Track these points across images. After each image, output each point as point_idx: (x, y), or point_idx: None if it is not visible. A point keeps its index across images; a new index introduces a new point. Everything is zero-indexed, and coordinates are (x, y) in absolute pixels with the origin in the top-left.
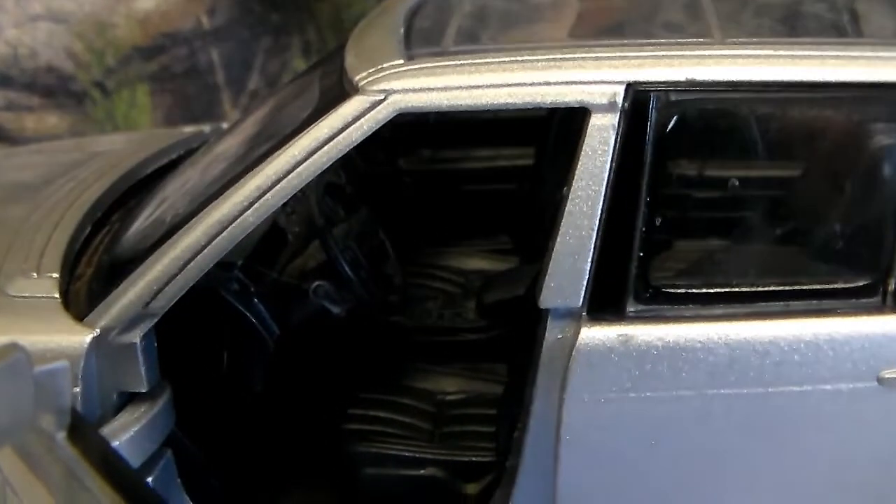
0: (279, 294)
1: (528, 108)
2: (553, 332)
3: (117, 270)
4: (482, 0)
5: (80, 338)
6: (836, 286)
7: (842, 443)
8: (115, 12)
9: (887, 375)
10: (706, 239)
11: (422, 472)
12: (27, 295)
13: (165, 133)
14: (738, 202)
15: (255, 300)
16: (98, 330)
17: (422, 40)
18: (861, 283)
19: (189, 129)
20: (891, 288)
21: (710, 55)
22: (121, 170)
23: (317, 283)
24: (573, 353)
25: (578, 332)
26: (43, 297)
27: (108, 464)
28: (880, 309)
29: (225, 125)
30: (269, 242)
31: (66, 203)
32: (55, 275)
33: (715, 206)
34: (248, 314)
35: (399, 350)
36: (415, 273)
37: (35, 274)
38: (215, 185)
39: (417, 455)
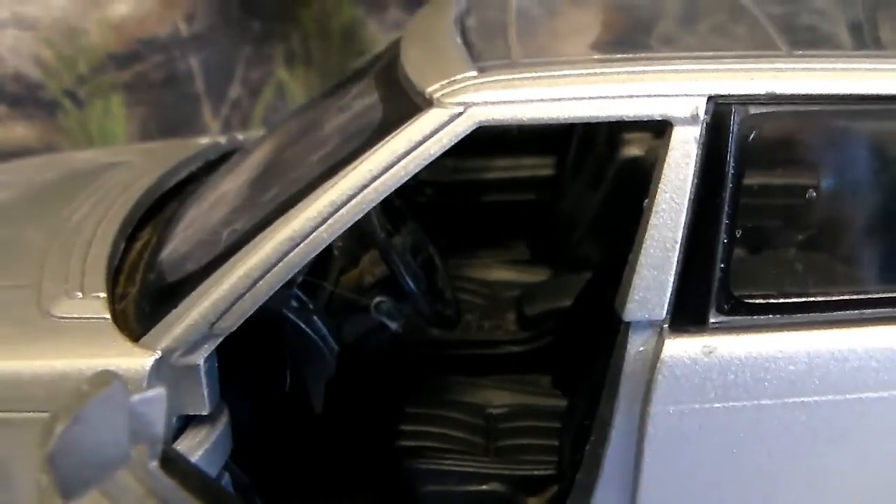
0: (336, 310)
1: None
2: (635, 345)
3: (170, 289)
4: (526, 9)
5: (142, 360)
6: None
7: None
8: (87, 18)
9: None
10: (785, 250)
11: (483, 487)
12: (75, 316)
13: (179, 145)
14: (816, 213)
15: (315, 317)
16: (160, 352)
17: (485, 52)
18: None
19: (204, 141)
20: None
21: (787, 68)
22: (144, 184)
23: (378, 299)
24: (658, 366)
25: (662, 345)
26: (93, 318)
27: (209, 491)
28: None
29: (240, 137)
30: (316, 257)
31: (95, 219)
32: (102, 294)
33: (793, 217)
34: (309, 332)
35: (444, 364)
36: (452, 286)
37: (80, 294)
38: (277, 199)
39: (478, 470)
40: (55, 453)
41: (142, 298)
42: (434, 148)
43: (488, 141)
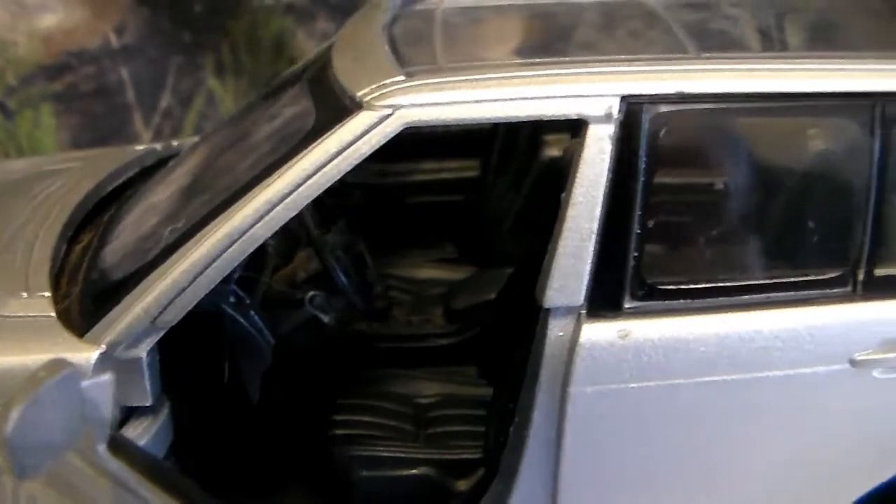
0: (271, 304)
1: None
2: (555, 330)
3: (113, 286)
4: (452, 17)
5: (87, 354)
6: (811, 278)
7: (819, 421)
8: (15, 30)
9: (859, 358)
10: (695, 239)
11: (414, 471)
12: (22, 314)
13: (117, 152)
14: (723, 205)
15: (252, 311)
16: (104, 346)
17: (413, 57)
18: (834, 275)
19: (141, 148)
20: (860, 278)
21: (695, 69)
22: (83, 189)
23: (312, 293)
24: (576, 349)
25: (580, 329)
26: (39, 315)
27: (155, 470)
28: (851, 297)
29: (175, 143)
30: (251, 254)
31: (37, 223)
32: (47, 294)
33: (702, 209)
34: (247, 325)
35: (375, 357)
36: (381, 282)
37: (25, 294)
38: (216, 199)
39: (409, 455)
40: (11, 435)
41: (85, 296)
42: (364, 148)
43: (415, 144)
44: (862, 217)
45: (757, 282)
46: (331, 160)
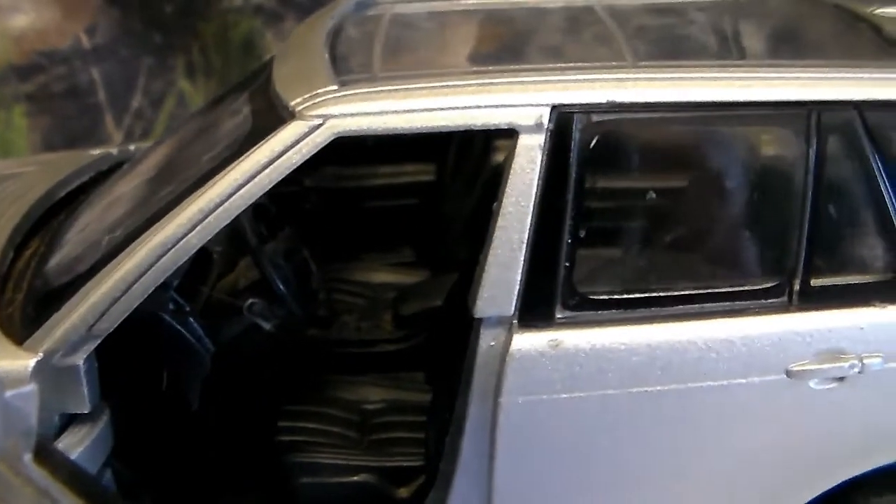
0: (212, 312)
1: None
2: (486, 340)
3: (54, 294)
4: (396, 26)
5: (25, 362)
6: (747, 288)
7: (755, 432)
8: None
9: (795, 368)
10: (628, 249)
11: (355, 478)
12: None
13: (72, 156)
14: (656, 215)
15: (191, 319)
16: (41, 353)
17: (349, 66)
18: (769, 285)
19: (96, 152)
20: (796, 288)
21: (626, 78)
22: (35, 195)
23: (251, 300)
24: (507, 359)
25: (511, 339)
26: None
27: (80, 481)
28: (787, 308)
29: (132, 147)
30: (195, 262)
31: None
32: None
33: (636, 218)
34: (185, 333)
35: (321, 363)
36: (325, 288)
37: None
38: (153, 207)
39: (350, 463)
40: None
41: (27, 304)
42: (295, 158)
43: (374, 148)
44: (798, 227)
45: (691, 292)
46: (262, 170)
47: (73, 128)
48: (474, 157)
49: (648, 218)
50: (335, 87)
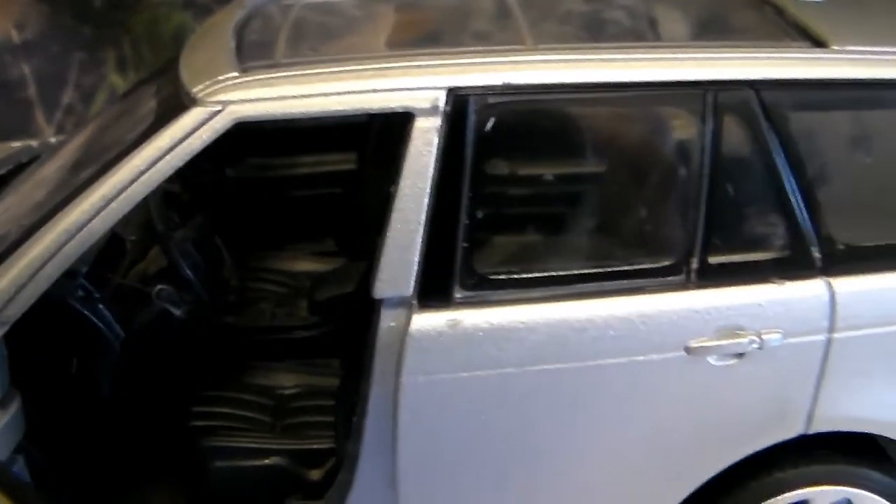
0: (122, 299)
1: (356, 114)
2: (386, 321)
3: None
4: (306, 14)
5: None
6: (645, 267)
7: (656, 409)
8: None
9: (693, 345)
10: (525, 229)
11: (266, 461)
12: None
13: None
14: (554, 195)
15: (100, 306)
16: None
17: (253, 53)
18: (667, 264)
19: (17, 145)
20: (693, 267)
21: (523, 60)
22: None
23: (159, 286)
24: (406, 339)
25: (410, 319)
26: None
27: None
28: (685, 285)
29: (53, 140)
30: (108, 250)
31: None
32: None
33: (532, 199)
34: (94, 319)
35: (236, 349)
36: (246, 277)
37: None
38: (58, 195)
39: (262, 446)
40: None
41: None
42: (196, 143)
43: (296, 139)
44: (695, 205)
45: (589, 271)
46: (163, 156)
47: (3, 123)
48: (392, 145)
49: (546, 198)
50: (236, 74)
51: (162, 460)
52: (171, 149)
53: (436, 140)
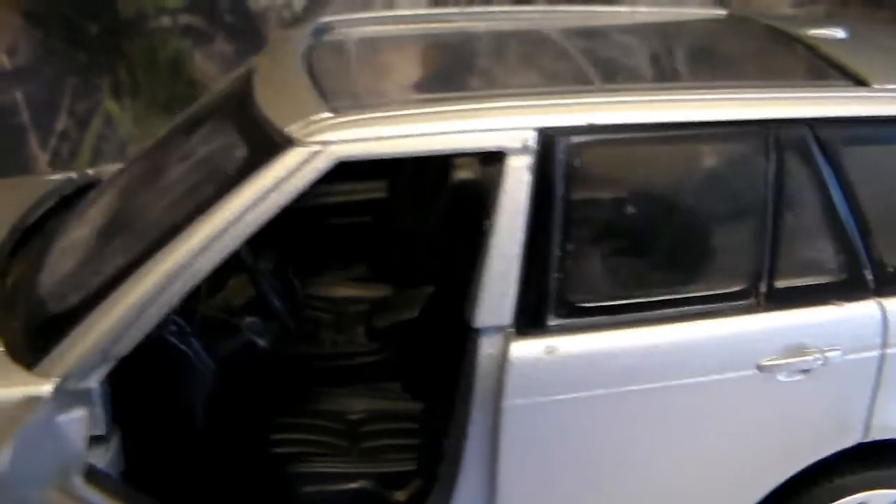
0: (208, 331)
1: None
2: (485, 348)
3: (57, 320)
4: (365, 48)
5: (41, 387)
6: (719, 292)
7: (732, 423)
8: None
9: (765, 363)
10: (611, 259)
11: (354, 485)
12: None
13: (32, 181)
14: (636, 227)
15: (192, 339)
16: (58, 378)
17: (335, 92)
18: (738, 289)
19: (56, 177)
20: (762, 291)
21: (603, 102)
22: (5, 220)
23: (250, 318)
24: (506, 366)
25: (509, 347)
26: None
27: (132, 499)
28: (755, 308)
29: (90, 172)
30: None
31: None
32: None
33: (616, 231)
34: (189, 353)
35: (303, 376)
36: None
37: None
38: (154, 231)
39: (346, 470)
40: (3, 472)
41: (28, 330)
42: (300, 183)
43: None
44: (762, 235)
45: (670, 297)
46: (268, 195)
47: None
48: (429, 173)
49: (629, 230)
50: (329, 115)
51: (251, 488)
52: (275, 187)
53: (527, 177)
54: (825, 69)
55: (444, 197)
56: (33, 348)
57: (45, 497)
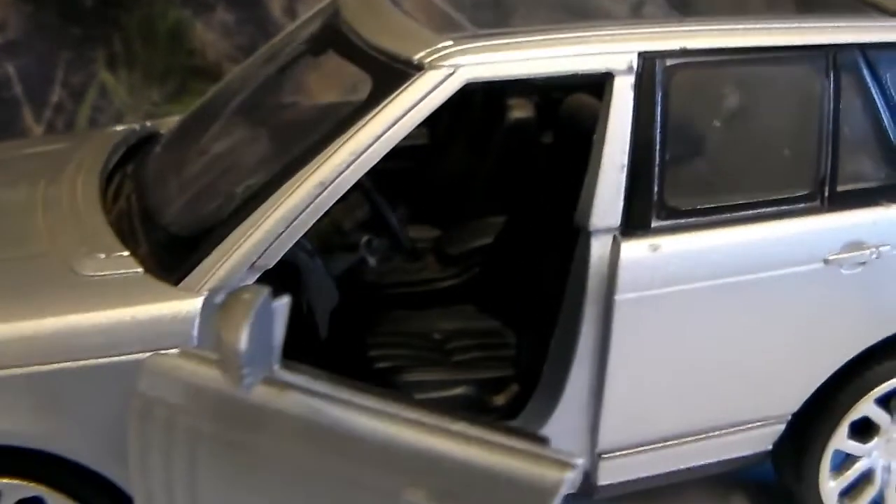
0: (325, 249)
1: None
2: (597, 249)
3: (193, 239)
4: None
5: (192, 300)
6: (791, 195)
7: (806, 309)
8: None
9: (830, 258)
10: (703, 168)
11: (458, 391)
12: (109, 273)
13: (101, 133)
14: (724, 139)
15: (315, 256)
16: (207, 292)
17: (440, 25)
18: (806, 192)
19: (120, 128)
20: (826, 194)
21: (693, 30)
22: (96, 161)
23: (367, 237)
24: (619, 263)
25: (619, 246)
26: (127, 272)
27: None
28: (820, 210)
29: (147, 124)
30: None
31: (66, 194)
32: (125, 253)
33: (708, 143)
34: (316, 268)
35: (383, 301)
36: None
37: (102, 255)
38: (291, 153)
39: (450, 378)
40: (244, 350)
41: (162, 252)
42: (433, 103)
43: None
44: (825, 145)
45: (752, 200)
46: (406, 114)
47: None
48: (476, 118)
49: (716, 142)
50: (450, 42)
51: None
52: (412, 108)
53: (631, 94)
54: (862, 6)
55: (497, 136)
56: (171, 267)
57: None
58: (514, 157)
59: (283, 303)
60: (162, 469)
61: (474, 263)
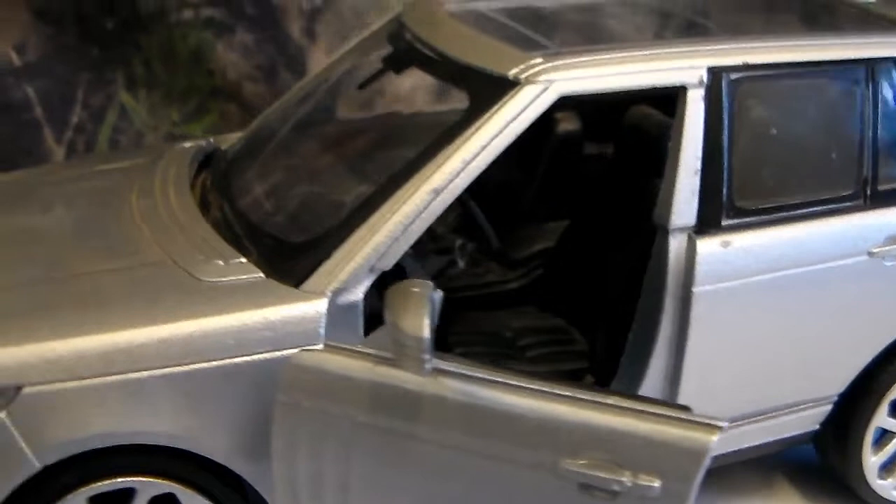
0: (419, 251)
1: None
2: (675, 246)
3: (309, 245)
4: (512, 15)
5: (317, 302)
6: (837, 194)
7: (854, 298)
8: None
9: (874, 250)
10: (764, 170)
11: None
12: (231, 279)
13: (174, 147)
14: (781, 145)
15: (416, 258)
16: (330, 293)
17: (524, 45)
18: (851, 192)
19: (188, 145)
20: (868, 193)
21: (752, 47)
22: (181, 174)
23: (461, 241)
24: (696, 258)
25: (695, 243)
26: (249, 277)
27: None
28: (863, 207)
29: (211, 140)
30: None
31: (162, 206)
32: (242, 259)
33: (768, 149)
34: (420, 271)
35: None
36: None
37: (221, 262)
38: (402, 160)
39: (529, 371)
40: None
41: (274, 257)
42: (530, 115)
43: None
44: (867, 147)
45: (804, 200)
46: (506, 126)
47: (11, 144)
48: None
49: (775, 148)
50: (540, 59)
51: None
52: (513, 119)
53: (702, 106)
54: (883, 23)
55: (547, 148)
56: (289, 271)
57: None
58: (563, 166)
59: (440, 296)
60: (309, 459)
61: (537, 266)
